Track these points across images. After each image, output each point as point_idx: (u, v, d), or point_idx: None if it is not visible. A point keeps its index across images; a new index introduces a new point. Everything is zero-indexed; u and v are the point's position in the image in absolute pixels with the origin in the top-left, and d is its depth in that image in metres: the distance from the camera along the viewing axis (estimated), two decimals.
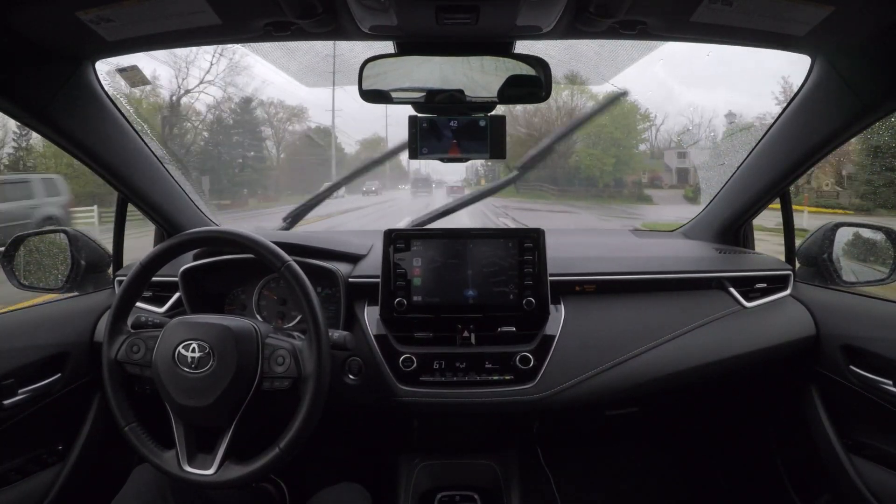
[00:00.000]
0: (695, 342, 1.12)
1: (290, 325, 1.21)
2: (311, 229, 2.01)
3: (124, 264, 1.36)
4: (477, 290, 1.09)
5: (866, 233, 1.26)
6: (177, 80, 14.04)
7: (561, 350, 1.08)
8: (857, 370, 1.05)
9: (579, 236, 1.64)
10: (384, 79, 0.99)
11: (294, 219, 1.48)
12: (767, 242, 1.49)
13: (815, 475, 1.20)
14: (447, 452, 1.39)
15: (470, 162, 1.10)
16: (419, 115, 1.03)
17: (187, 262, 1.17)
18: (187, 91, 14.35)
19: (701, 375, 1.12)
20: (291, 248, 1.03)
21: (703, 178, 1.58)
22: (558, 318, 1.12)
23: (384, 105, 1.04)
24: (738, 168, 1.31)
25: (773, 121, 1.18)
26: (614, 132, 14.82)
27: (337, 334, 0.95)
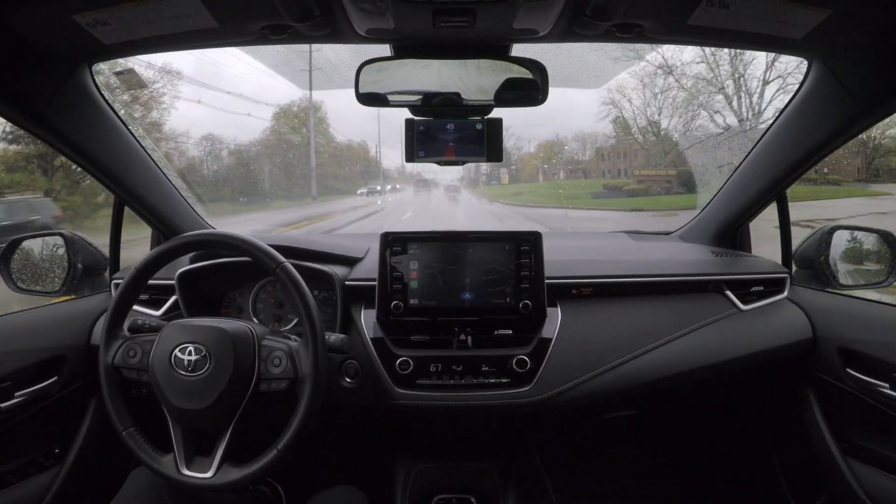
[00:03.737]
0: (691, 345, 1.12)
1: (287, 328, 1.21)
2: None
3: (121, 267, 1.36)
4: (474, 293, 1.09)
5: (863, 236, 1.26)
6: None
7: (558, 353, 1.08)
8: (854, 373, 1.05)
9: (576, 240, 1.64)
10: (381, 82, 0.99)
11: None
12: None
13: (812, 478, 1.20)
14: (444, 455, 1.39)
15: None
16: (416, 118, 1.03)
17: (184, 265, 1.17)
18: None
19: (698, 378, 1.12)
20: (287, 250, 1.03)
21: None
22: (555, 321, 1.12)
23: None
24: (735, 171, 1.31)
25: (769, 123, 1.18)
26: None
27: (333, 337, 0.95)
